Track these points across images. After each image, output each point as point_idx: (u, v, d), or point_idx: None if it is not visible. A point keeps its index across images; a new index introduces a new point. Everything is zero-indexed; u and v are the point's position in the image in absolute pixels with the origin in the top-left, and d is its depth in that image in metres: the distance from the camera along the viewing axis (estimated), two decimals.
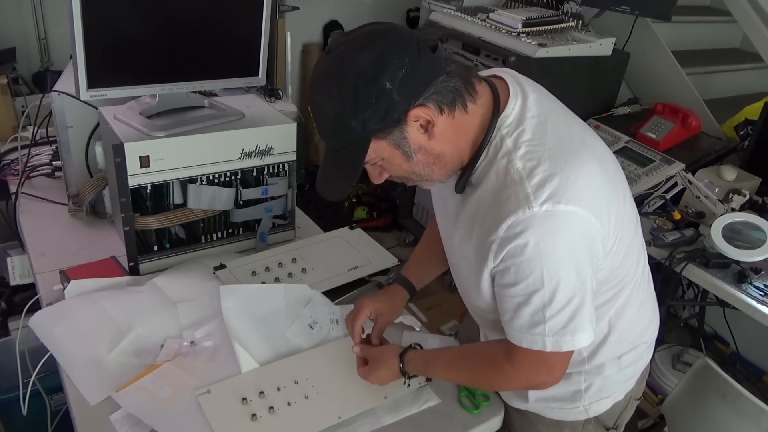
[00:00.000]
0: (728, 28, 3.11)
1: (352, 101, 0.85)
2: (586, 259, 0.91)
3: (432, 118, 0.88)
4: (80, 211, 1.63)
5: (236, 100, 1.64)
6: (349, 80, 0.85)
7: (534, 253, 0.88)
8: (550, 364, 0.98)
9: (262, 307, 1.31)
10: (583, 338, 0.94)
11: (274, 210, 1.58)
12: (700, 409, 1.56)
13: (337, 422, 1.10)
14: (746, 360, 2.52)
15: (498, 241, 0.90)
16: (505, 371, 1.01)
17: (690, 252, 1.78)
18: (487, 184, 0.93)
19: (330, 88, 0.87)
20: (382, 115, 0.86)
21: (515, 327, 0.95)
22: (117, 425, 1.06)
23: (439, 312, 2.63)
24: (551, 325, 0.92)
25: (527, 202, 0.86)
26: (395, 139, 0.90)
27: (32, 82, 2.57)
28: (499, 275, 0.94)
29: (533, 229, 0.86)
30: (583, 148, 0.94)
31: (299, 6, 2.82)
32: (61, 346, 1.21)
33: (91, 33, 1.25)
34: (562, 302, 0.90)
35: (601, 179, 0.93)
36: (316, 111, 0.92)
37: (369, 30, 0.88)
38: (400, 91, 0.85)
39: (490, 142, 0.93)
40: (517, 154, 0.90)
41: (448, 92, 0.88)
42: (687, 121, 2.24)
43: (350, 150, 0.91)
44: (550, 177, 0.87)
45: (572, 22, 2.44)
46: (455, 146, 0.93)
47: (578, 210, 0.87)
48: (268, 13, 1.47)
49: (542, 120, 0.94)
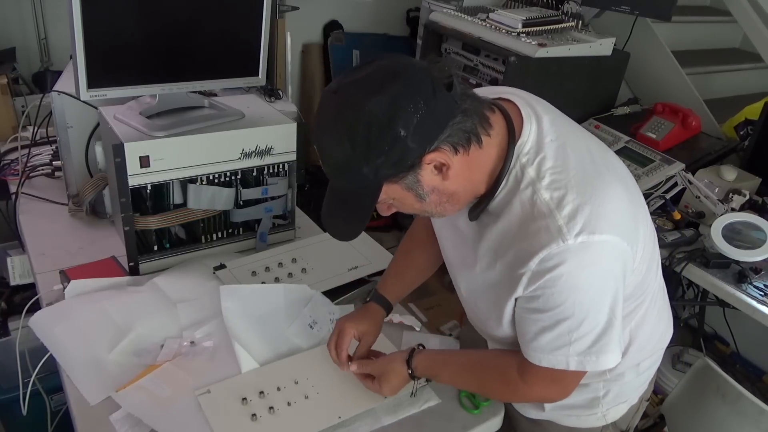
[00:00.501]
0: (728, 28, 3.10)
1: (364, 149, 0.81)
2: (618, 284, 0.90)
3: (447, 161, 0.85)
4: (80, 211, 1.63)
5: (236, 100, 1.64)
6: (361, 127, 0.80)
7: (568, 285, 0.86)
8: (566, 382, 0.97)
9: (262, 307, 1.31)
10: (609, 360, 0.92)
11: (274, 210, 1.58)
12: (700, 409, 1.56)
13: (337, 422, 1.10)
14: (746, 360, 2.52)
15: (529, 274, 0.88)
16: (516, 387, 1.00)
17: (690, 252, 1.78)
18: (510, 214, 0.90)
19: (339, 134, 0.82)
20: (396, 161, 0.82)
21: (535, 347, 0.93)
22: (117, 425, 1.06)
23: (439, 312, 2.63)
24: (576, 347, 0.91)
25: (560, 234, 0.84)
26: (408, 182, 0.87)
27: (32, 82, 2.56)
28: (524, 300, 0.92)
29: (569, 263, 0.85)
30: (606, 170, 0.93)
31: (299, 6, 2.82)
32: (61, 346, 1.21)
33: (91, 33, 1.25)
34: (590, 327, 0.89)
35: (627, 201, 0.91)
36: (323, 153, 0.86)
37: (380, 69, 0.83)
38: (415, 138, 0.81)
39: (510, 172, 0.90)
40: (542, 183, 0.88)
41: (463, 133, 0.85)
42: (687, 121, 2.24)
43: (360, 193, 0.88)
44: (580, 206, 0.85)
45: (572, 22, 2.44)
46: (470, 182, 0.91)
47: (612, 238, 0.86)
48: (268, 13, 1.47)
49: (561, 144, 0.91)
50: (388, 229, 3.42)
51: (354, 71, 0.84)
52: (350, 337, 1.17)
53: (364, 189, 0.87)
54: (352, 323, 1.18)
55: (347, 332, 1.17)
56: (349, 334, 1.17)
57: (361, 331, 1.19)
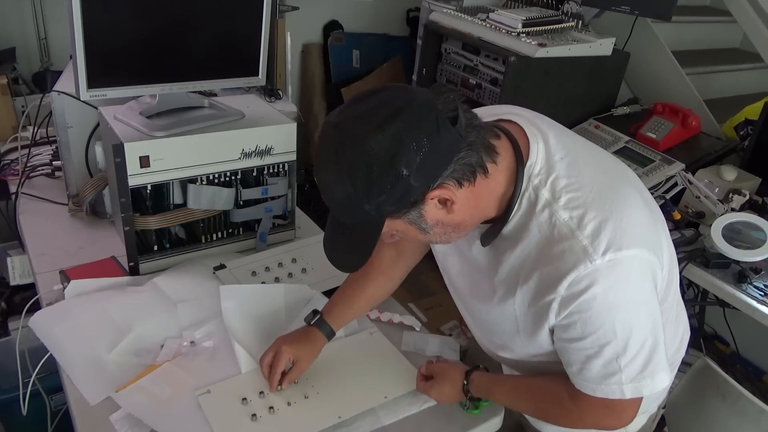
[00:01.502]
0: (728, 28, 3.10)
1: (366, 187, 0.79)
2: (653, 297, 0.88)
3: (451, 197, 0.83)
4: (80, 211, 1.63)
5: (236, 100, 1.64)
6: (363, 165, 0.78)
7: (603, 306, 0.84)
8: (623, 409, 0.93)
9: (262, 307, 1.31)
10: (664, 379, 0.90)
11: (274, 210, 1.58)
12: (700, 409, 1.56)
13: (337, 422, 1.10)
14: (746, 360, 2.52)
15: (559, 300, 0.85)
16: (570, 413, 0.98)
17: (690, 252, 1.78)
18: (529, 239, 0.88)
19: (341, 171, 0.80)
20: (398, 199, 0.81)
21: (586, 378, 0.91)
22: (117, 425, 1.06)
23: (439, 312, 2.63)
24: (628, 373, 0.88)
25: (587, 255, 0.82)
26: (411, 218, 0.85)
27: (32, 82, 2.56)
28: (560, 329, 0.90)
29: (600, 283, 0.82)
30: (620, 181, 0.91)
31: (299, 6, 2.82)
32: (61, 346, 1.21)
33: (91, 33, 1.25)
34: (636, 348, 0.87)
35: (646, 211, 0.90)
36: (324, 189, 0.84)
37: (383, 103, 0.80)
38: (418, 177, 0.79)
39: (522, 195, 0.88)
40: (559, 204, 0.85)
41: (468, 167, 0.82)
42: (687, 121, 2.24)
43: (362, 228, 0.86)
44: (603, 223, 0.83)
45: (572, 22, 2.44)
46: (477, 209, 0.89)
47: (639, 252, 0.84)
48: (268, 13, 1.47)
49: (572, 159, 0.89)
50: None
51: (356, 103, 0.82)
52: (285, 360, 1.14)
53: (367, 224, 0.85)
54: (290, 347, 1.15)
55: (284, 355, 1.14)
56: (286, 357, 1.14)
57: (298, 356, 1.16)
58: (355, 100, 0.82)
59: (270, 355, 1.15)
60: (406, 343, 1.32)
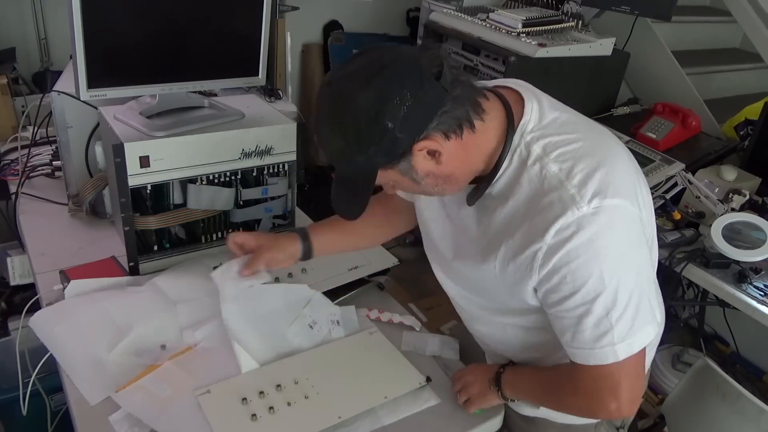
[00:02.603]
0: (728, 28, 3.11)
1: (356, 140, 0.85)
2: (642, 247, 0.90)
3: (438, 148, 0.87)
4: (80, 211, 1.63)
5: (236, 100, 1.64)
6: (351, 120, 0.84)
7: (590, 254, 0.85)
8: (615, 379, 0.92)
9: (262, 307, 1.31)
10: (651, 332, 0.90)
11: (274, 210, 1.58)
12: (700, 409, 1.56)
13: (337, 422, 1.10)
14: (746, 360, 2.52)
15: (545, 249, 0.87)
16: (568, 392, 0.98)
17: (690, 252, 1.78)
18: (519, 194, 0.91)
19: (334, 126, 0.87)
20: (387, 150, 0.86)
21: (580, 344, 0.91)
22: (117, 426, 1.06)
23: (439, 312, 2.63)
24: (619, 330, 0.88)
25: (574, 202, 0.85)
26: (402, 168, 0.90)
27: (32, 82, 2.56)
28: (551, 292, 0.91)
29: (586, 229, 0.84)
30: (611, 141, 0.95)
31: (299, 6, 2.82)
32: (61, 346, 1.21)
33: (91, 33, 1.25)
34: (625, 299, 0.87)
35: (633, 168, 0.93)
36: (322, 144, 0.91)
37: (370, 61, 0.85)
38: (402, 129, 0.83)
39: (513, 151, 0.91)
40: (550, 158, 0.89)
41: (453, 120, 0.86)
42: (687, 121, 2.24)
43: (359, 178, 0.92)
44: (590, 173, 0.86)
45: (572, 22, 2.44)
46: (467, 163, 0.92)
47: (624, 202, 0.87)
48: (268, 13, 1.47)
49: (565, 120, 0.94)
50: None
51: (346, 63, 0.87)
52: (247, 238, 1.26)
53: (362, 175, 0.91)
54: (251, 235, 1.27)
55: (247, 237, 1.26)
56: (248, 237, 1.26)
57: (260, 243, 1.25)
58: (345, 61, 0.88)
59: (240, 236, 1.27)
60: (406, 343, 1.32)
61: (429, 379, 1.20)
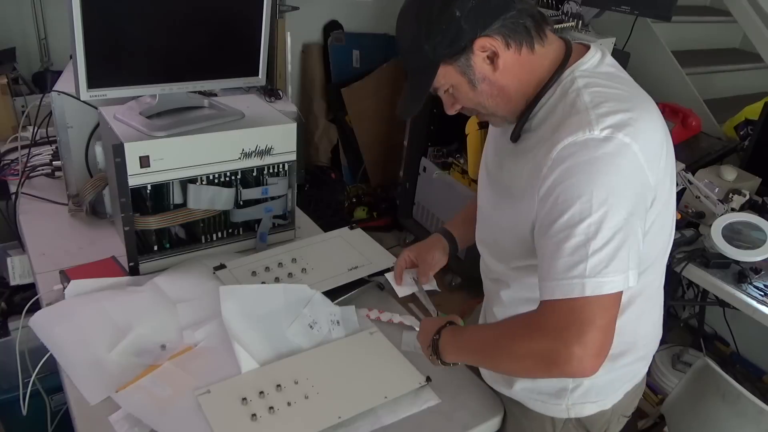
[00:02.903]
0: (728, 28, 3.11)
1: (426, 26, 0.93)
2: (637, 199, 0.88)
3: (497, 50, 0.93)
4: (80, 211, 1.63)
5: (236, 100, 1.64)
6: (426, 8, 0.93)
7: (585, 174, 0.86)
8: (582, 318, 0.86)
9: (262, 307, 1.31)
10: (629, 279, 0.87)
11: (274, 210, 1.58)
12: (700, 409, 1.56)
13: (337, 422, 1.10)
14: (746, 360, 2.52)
15: (549, 164, 0.90)
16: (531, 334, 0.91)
17: (690, 252, 1.78)
18: (552, 120, 0.95)
19: (411, 14, 0.96)
20: (451, 41, 0.92)
21: (552, 274, 0.88)
22: (117, 426, 1.06)
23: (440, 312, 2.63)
24: (593, 263, 0.85)
25: (588, 125, 0.88)
26: (462, 66, 0.95)
27: (32, 82, 2.56)
28: (542, 218, 0.91)
29: (588, 150, 0.87)
30: (650, 103, 0.98)
31: (299, 6, 2.82)
32: (61, 346, 1.21)
33: (91, 33, 1.25)
34: (608, 235, 0.85)
35: (661, 131, 0.96)
36: (398, 35, 0.99)
37: None
38: (468, 20, 0.91)
39: (560, 82, 0.96)
40: (587, 90, 0.93)
41: (515, 27, 0.93)
42: (687, 121, 2.24)
43: (423, 72, 0.98)
44: (615, 111, 0.89)
45: (572, 22, 2.44)
46: (519, 81, 0.97)
47: (636, 146, 0.87)
48: (268, 13, 1.47)
49: (618, 75, 0.99)
50: (388, 229, 3.42)
51: None
52: (404, 259, 1.36)
53: (426, 68, 0.97)
54: (410, 250, 1.37)
55: (404, 255, 1.36)
56: (405, 255, 1.36)
57: (417, 254, 1.35)
58: None
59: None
60: (406, 343, 1.32)
61: (429, 379, 1.20)
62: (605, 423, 1.16)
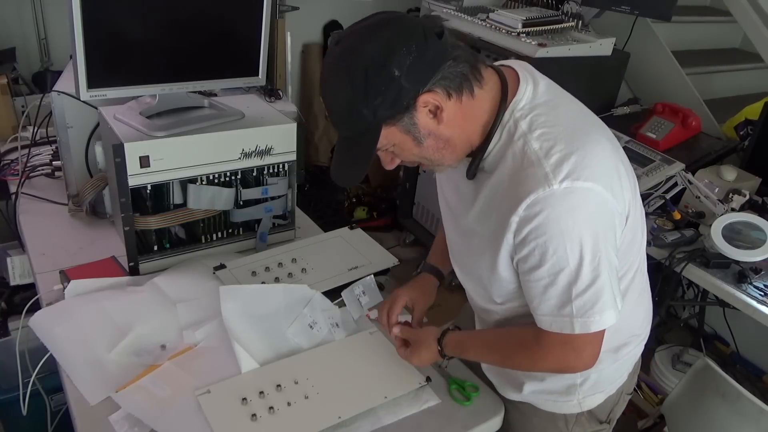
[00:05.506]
0: (728, 28, 3.11)
1: (363, 90, 0.87)
2: (607, 234, 0.92)
3: (440, 104, 0.90)
4: (80, 211, 1.63)
5: (236, 100, 1.64)
6: (359, 69, 0.87)
7: (556, 231, 0.89)
8: (578, 345, 0.97)
9: (262, 307, 1.31)
10: (611, 316, 0.94)
11: (274, 210, 1.58)
12: (700, 409, 1.56)
13: (337, 422, 1.10)
14: (746, 360, 2.52)
15: (517, 219, 0.91)
16: (534, 354, 1.02)
17: (690, 252, 1.78)
18: (503, 167, 0.95)
19: (341, 78, 0.90)
20: (392, 102, 0.88)
21: (544, 312, 0.96)
22: (117, 426, 1.06)
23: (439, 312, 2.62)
24: (578, 305, 0.92)
25: (546, 180, 0.88)
26: (405, 125, 0.92)
27: (32, 82, 2.56)
28: (522, 261, 0.95)
29: (552, 207, 0.88)
30: (595, 128, 0.97)
31: (299, 6, 2.82)
32: (61, 346, 1.21)
33: (91, 33, 1.25)
34: (588, 279, 0.91)
35: (614, 158, 0.95)
36: (328, 100, 0.93)
37: (376, 20, 0.90)
38: (408, 78, 0.87)
39: (503, 126, 0.95)
40: (533, 135, 0.92)
41: (455, 77, 0.90)
42: (687, 121, 2.24)
43: (363, 137, 0.93)
44: (567, 156, 0.89)
45: (572, 22, 2.44)
46: (464, 130, 0.95)
47: (596, 187, 0.89)
48: (268, 13, 1.47)
49: (555, 104, 0.97)
50: (388, 229, 3.42)
51: (354, 25, 0.92)
52: (402, 304, 1.25)
53: (366, 132, 0.92)
54: (404, 291, 1.27)
55: (400, 300, 1.25)
56: (402, 302, 1.25)
57: (413, 297, 1.27)
58: (353, 24, 0.92)
59: (388, 303, 1.26)
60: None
61: (429, 379, 1.20)
62: (612, 406, 1.21)
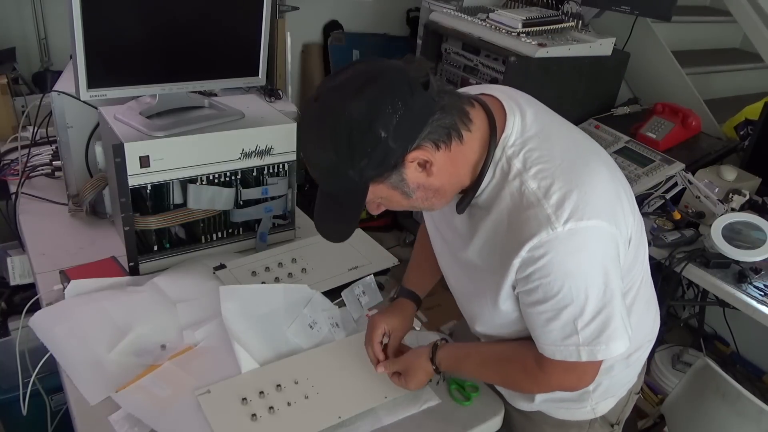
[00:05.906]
0: (728, 28, 3.10)
1: (347, 152, 0.83)
2: (613, 267, 0.91)
3: (429, 158, 0.87)
4: (80, 211, 1.63)
5: (236, 100, 1.64)
6: (343, 131, 0.82)
7: (560, 272, 0.88)
8: (582, 371, 0.98)
9: (262, 307, 1.31)
10: (619, 346, 0.93)
11: (274, 210, 1.58)
12: (700, 409, 1.56)
13: (337, 422, 1.10)
14: (746, 360, 2.52)
15: (520, 261, 0.90)
16: (536, 377, 1.01)
17: (690, 252, 1.78)
18: (501, 206, 0.92)
19: (323, 140, 0.85)
20: (379, 162, 0.84)
21: (547, 341, 0.95)
22: (117, 426, 1.06)
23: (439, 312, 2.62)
24: (585, 335, 0.92)
25: (549, 222, 0.86)
26: (394, 181, 0.89)
27: (32, 82, 2.56)
28: (524, 295, 0.94)
29: (557, 250, 0.86)
30: (591, 157, 0.95)
31: (299, 6, 2.82)
32: (61, 346, 1.21)
33: (91, 33, 1.25)
34: (593, 313, 0.90)
35: (612, 185, 0.93)
36: (310, 160, 0.89)
37: (358, 73, 0.85)
38: (395, 138, 0.83)
39: (495, 164, 0.92)
40: (529, 174, 0.89)
41: (443, 129, 0.86)
42: (687, 121, 2.24)
43: (348, 195, 0.90)
44: (567, 194, 0.87)
45: (572, 22, 2.44)
46: (455, 176, 0.93)
47: (600, 223, 0.88)
48: (268, 13, 1.47)
49: (546, 135, 0.94)
50: (388, 229, 3.42)
51: (333, 77, 0.86)
52: (381, 331, 1.20)
53: (352, 191, 0.89)
54: (382, 319, 1.22)
55: (378, 327, 1.20)
56: (380, 328, 1.20)
57: (392, 325, 1.22)
58: (332, 75, 0.87)
59: (368, 333, 1.21)
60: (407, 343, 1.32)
61: (429, 379, 1.20)
62: (622, 407, 1.22)
